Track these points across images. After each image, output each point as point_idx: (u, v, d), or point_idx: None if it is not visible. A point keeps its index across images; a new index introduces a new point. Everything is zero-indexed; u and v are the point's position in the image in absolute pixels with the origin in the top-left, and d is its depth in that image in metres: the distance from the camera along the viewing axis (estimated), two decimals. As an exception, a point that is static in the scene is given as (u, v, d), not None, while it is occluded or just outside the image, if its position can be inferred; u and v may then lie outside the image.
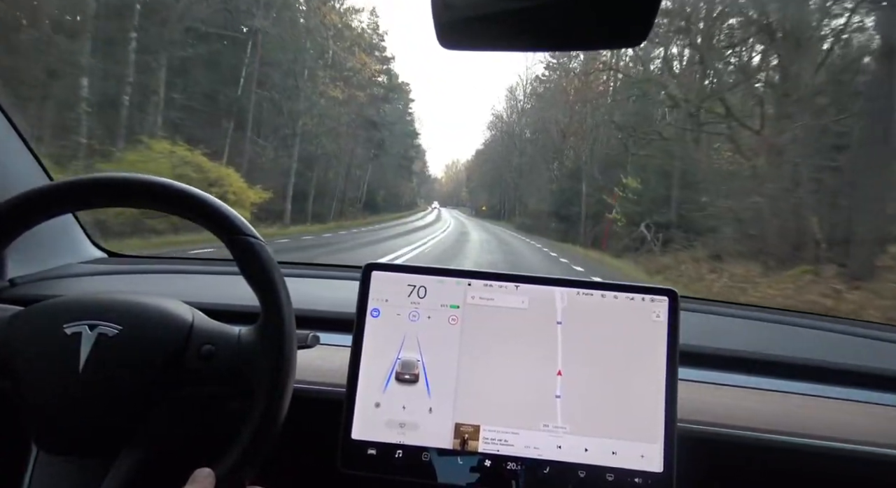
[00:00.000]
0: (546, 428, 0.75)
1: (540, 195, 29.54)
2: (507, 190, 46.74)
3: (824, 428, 0.83)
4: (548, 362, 0.77)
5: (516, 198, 41.45)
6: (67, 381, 0.65)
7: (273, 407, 0.65)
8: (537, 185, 31.54)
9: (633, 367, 0.76)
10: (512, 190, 44.04)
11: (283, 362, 0.66)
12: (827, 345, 1.12)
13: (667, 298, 0.78)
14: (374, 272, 0.80)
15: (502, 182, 48.52)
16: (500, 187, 50.24)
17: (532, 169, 35.87)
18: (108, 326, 0.67)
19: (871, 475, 0.81)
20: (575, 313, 0.78)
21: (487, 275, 0.80)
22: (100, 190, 0.70)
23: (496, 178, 52.82)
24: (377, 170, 35.23)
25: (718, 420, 0.83)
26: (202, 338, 0.70)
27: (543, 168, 30.61)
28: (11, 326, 0.69)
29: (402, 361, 0.78)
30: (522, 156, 40.02)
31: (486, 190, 60.00)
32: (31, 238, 0.81)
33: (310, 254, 10.42)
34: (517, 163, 41.69)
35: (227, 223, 0.69)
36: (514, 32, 0.47)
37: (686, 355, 0.87)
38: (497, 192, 52.63)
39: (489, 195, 58.89)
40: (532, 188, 34.20)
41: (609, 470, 0.74)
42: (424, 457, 0.75)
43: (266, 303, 0.68)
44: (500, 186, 50.29)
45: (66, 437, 0.65)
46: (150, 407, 0.67)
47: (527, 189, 36.54)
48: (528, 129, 39.72)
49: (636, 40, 0.47)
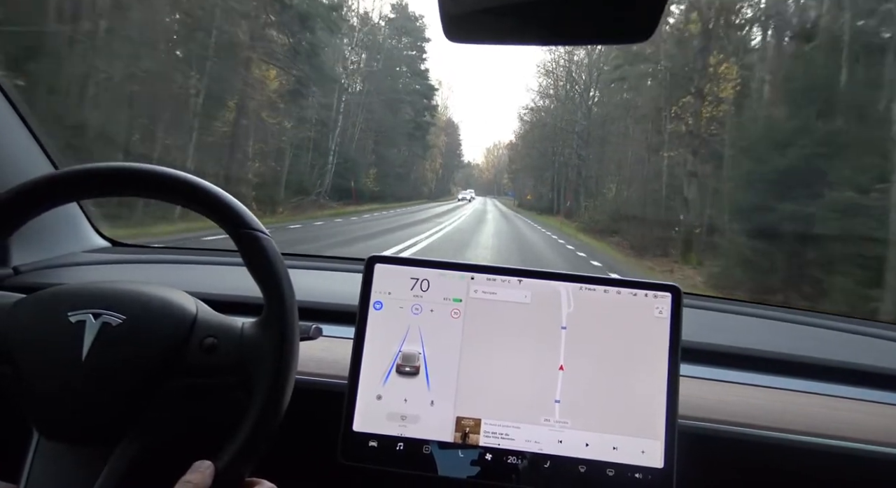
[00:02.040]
0: (547, 422, 0.75)
1: (632, 178, 19.06)
2: (562, 172, 32.42)
3: (826, 425, 0.83)
4: (550, 357, 0.77)
5: (580, 183, 27.58)
6: (70, 369, 0.65)
7: (274, 400, 0.65)
8: (623, 163, 20.47)
9: (634, 363, 0.76)
10: (573, 171, 29.41)
11: (285, 357, 0.67)
12: (829, 342, 1.11)
13: (670, 294, 0.78)
14: (377, 264, 0.81)
15: (556, 160, 33.60)
16: (553, 168, 34.56)
17: (610, 138, 23.19)
18: (112, 315, 0.67)
19: (873, 473, 0.81)
20: (577, 308, 0.78)
21: (490, 270, 0.80)
22: (106, 179, 0.70)
23: (547, 158, 36.48)
24: (365, 135, 26.49)
25: (719, 416, 0.83)
26: (205, 329, 0.70)
27: (639, 133, 19.13)
28: (15, 313, 0.69)
29: (404, 354, 0.78)
30: (590, 117, 27.24)
31: (534, 174, 43.77)
32: (36, 226, 0.81)
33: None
34: (582, 129, 27.90)
35: (233, 216, 0.69)
36: (522, 26, 0.47)
37: (688, 351, 0.87)
38: (548, 176, 36.58)
39: (537, 180, 42.69)
40: (610, 167, 22.86)
41: (609, 465, 0.74)
42: (425, 450, 0.76)
43: (270, 297, 0.68)
44: (552, 167, 34.74)
45: (67, 425, 0.66)
46: (151, 397, 0.67)
47: (602, 169, 24.34)
48: (606, 67, 25.33)
49: (644, 35, 0.47)
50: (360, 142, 27.09)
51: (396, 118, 33.07)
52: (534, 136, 41.55)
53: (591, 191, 25.08)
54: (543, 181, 39.25)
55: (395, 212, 24.52)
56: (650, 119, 18.11)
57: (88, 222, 1.36)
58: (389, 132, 31.90)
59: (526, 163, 47.35)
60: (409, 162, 39.77)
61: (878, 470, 0.81)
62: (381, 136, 30.49)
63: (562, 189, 32.34)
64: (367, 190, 27.10)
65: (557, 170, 33.56)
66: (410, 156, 39.51)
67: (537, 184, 42.82)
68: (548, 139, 35.98)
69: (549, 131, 35.49)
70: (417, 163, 43.45)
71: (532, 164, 43.48)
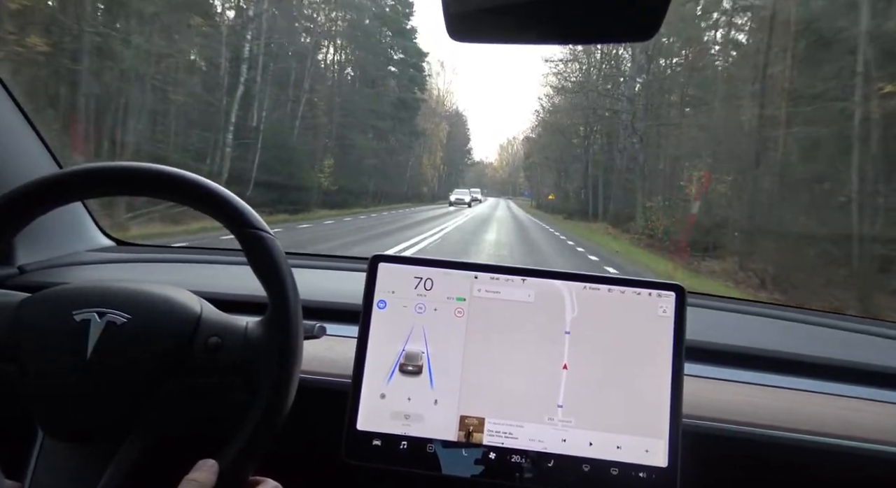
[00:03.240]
0: (551, 421, 0.75)
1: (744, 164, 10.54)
2: (600, 161, 23.45)
3: (830, 425, 0.83)
4: (553, 356, 0.77)
5: (637, 174, 17.57)
6: (74, 368, 0.66)
7: (278, 400, 0.66)
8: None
9: (638, 362, 0.76)
10: (622, 158, 19.38)
11: (288, 357, 0.67)
12: (833, 341, 1.11)
13: (674, 293, 0.78)
14: (380, 264, 0.81)
15: (591, 145, 24.80)
16: (588, 156, 25.10)
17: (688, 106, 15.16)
18: (118, 315, 0.68)
19: (878, 473, 0.81)
20: (581, 307, 0.78)
21: (494, 269, 0.80)
22: (111, 179, 0.70)
23: (578, 144, 27.04)
24: (319, 114, 18.78)
25: (723, 416, 0.83)
26: (209, 329, 0.70)
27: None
28: (20, 312, 0.69)
29: (407, 353, 0.78)
30: (649, 71, 17.93)
31: (556, 167, 33.06)
32: (40, 225, 0.81)
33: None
34: (637, 92, 18.61)
35: (237, 216, 0.70)
36: (524, 25, 0.47)
37: (692, 350, 0.87)
38: (577, 169, 27.24)
39: (561, 175, 32.21)
40: (686, 149, 14.43)
41: (613, 464, 0.74)
42: (429, 449, 0.76)
43: (274, 297, 0.68)
44: (585, 156, 25.42)
45: (71, 423, 0.66)
46: (155, 396, 0.67)
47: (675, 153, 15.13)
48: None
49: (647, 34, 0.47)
50: (307, 123, 19.68)
51: (369, 93, 24.68)
52: (558, 119, 30.12)
53: (653, 187, 15.73)
54: (570, 176, 29.23)
55: (345, 222, 16.11)
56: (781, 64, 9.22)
57: (93, 221, 1.37)
58: (358, 111, 23.00)
59: (547, 154, 35.56)
60: (395, 151, 30.09)
61: (883, 469, 0.80)
62: (348, 117, 22.20)
63: (599, 185, 22.59)
64: (316, 189, 18.81)
65: (592, 159, 24.38)
66: (396, 145, 30.03)
67: (561, 181, 32.49)
68: (579, 115, 25.42)
69: (581, 103, 24.54)
70: (405, 154, 33.32)
71: (555, 156, 32.48)
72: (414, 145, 35.02)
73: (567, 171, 30.24)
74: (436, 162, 46.72)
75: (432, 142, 43.05)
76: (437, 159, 46.70)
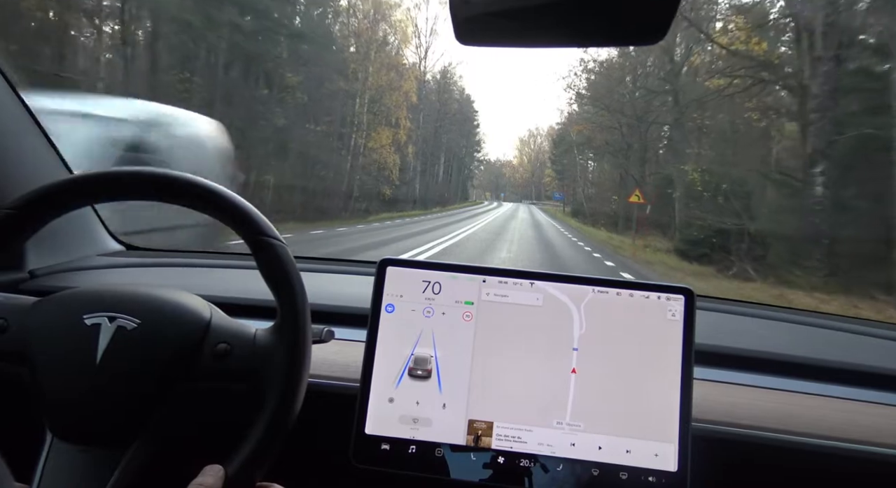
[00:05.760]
0: (559, 425, 0.75)
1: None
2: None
3: (840, 429, 0.82)
4: (562, 360, 0.77)
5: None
6: (84, 371, 0.66)
7: (285, 406, 0.66)
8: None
9: (647, 366, 0.76)
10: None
11: (297, 365, 0.67)
12: (843, 345, 1.10)
13: (683, 297, 0.78)
14: (389, 267, 0.81)
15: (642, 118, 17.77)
16: (639, 143, 18.54)
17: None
18: (128, 319, 0.68)
19: (889, 477, 0.80)
20: (590, 311, 0.78)
21: (502, 272, 0.80)
22: (124, 183, 0.71)
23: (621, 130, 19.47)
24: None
25: (733, 420, 0.83)
26: (218, 335, 0.70)
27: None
28: (31, 315, 0.70)
29: (416, 357, 0.78)
30: None
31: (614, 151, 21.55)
32: (51, 230, 0.82)
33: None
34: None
35: (249, 222, 0.70)
36: (532, 29, 0.47)
37: (701, 354, 0.86)
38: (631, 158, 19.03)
39: (615, 166, 22.23)
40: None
41: (623, 468, 0.73)
42: (437, 453, 0.76)
43: (283, 305, 0.69)
44: (635, 145, 18.87)
45: (80, 426, 0.66)
46: (163, 400, 0.67)
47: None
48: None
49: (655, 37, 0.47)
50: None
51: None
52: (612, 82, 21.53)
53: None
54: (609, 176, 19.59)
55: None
56: None
57: (103, 226, 1.37)
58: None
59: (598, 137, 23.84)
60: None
61: (894, 473, 0.80)
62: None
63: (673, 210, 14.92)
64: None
65: (643, 149, 17.35)
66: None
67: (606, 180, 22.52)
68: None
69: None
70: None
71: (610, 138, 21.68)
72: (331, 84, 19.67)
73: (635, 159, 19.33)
74: (399, 137, 24.80)
75: (396, 96, 24.39)
76: (402, 135, 25.01)
